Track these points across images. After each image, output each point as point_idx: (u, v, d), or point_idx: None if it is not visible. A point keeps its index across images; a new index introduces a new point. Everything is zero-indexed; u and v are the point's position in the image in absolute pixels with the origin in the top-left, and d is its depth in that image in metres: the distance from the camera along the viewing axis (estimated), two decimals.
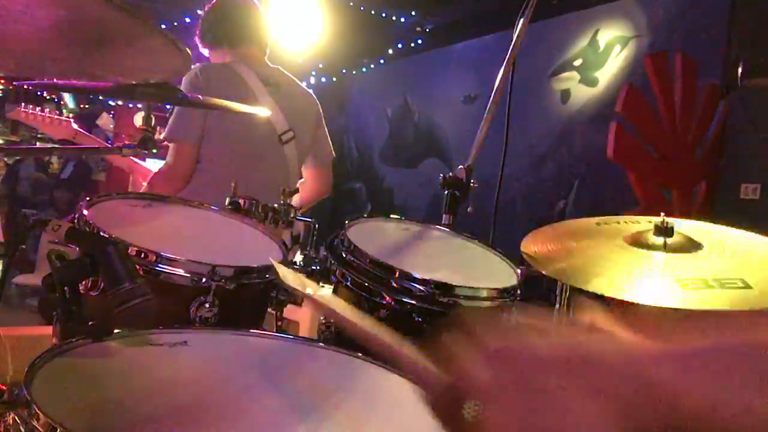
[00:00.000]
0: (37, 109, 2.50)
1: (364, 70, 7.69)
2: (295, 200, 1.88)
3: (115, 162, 3.07)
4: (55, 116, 2.50)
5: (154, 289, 0.95)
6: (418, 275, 1.21)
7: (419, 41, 6.69)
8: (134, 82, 1.28)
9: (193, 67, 2.27)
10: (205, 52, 2.50)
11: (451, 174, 1.72)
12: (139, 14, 0.82)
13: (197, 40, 2.50)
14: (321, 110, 2.58)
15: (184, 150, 2.23)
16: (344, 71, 7.77)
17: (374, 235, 1.44)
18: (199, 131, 2.23)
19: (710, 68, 3.75)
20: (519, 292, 1.36)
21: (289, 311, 1.41)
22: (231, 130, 2.26)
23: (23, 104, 2.53)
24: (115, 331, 0.94)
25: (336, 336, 1.26)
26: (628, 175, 3.51)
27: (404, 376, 0.99)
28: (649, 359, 0.45)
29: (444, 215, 1.70)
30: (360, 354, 1.04)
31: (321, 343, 1.12)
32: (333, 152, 2.64)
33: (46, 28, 0.85)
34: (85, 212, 1.23)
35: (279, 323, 1.42)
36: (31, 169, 7.51)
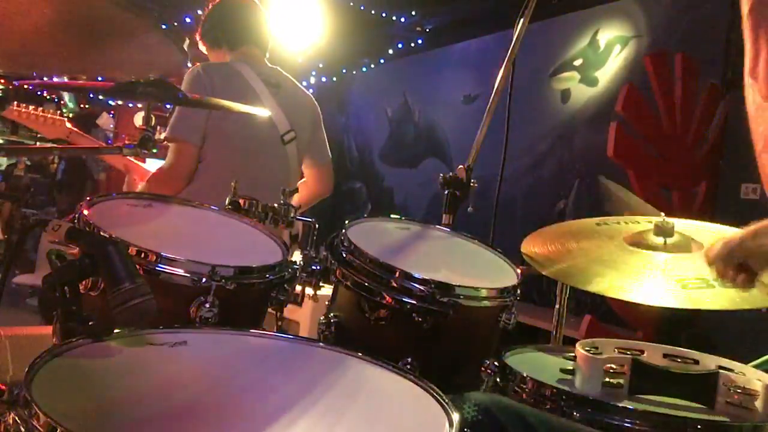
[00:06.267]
0: (30, 107, 2.43)
1: (364, 69, 7.69)
2: (295, 200, 1.88)
3: (110, 161, 3.03)
4: (49, 115, 2.44)
5: (154, 289, 0.95)
6: (418, 275, 1.21)
7: (419, 41, 6.69)
8: (133, 79, 1.27)
9: (195, 65, 2.26)
10: (204, 49, 2.50)
11: (451, 174, 1.72)
12: (137, 11, 0.83)
13: (198, 38, 2.50)
14: (319, 111, 2.58)
15: (187, 150, 2.22)
16: (344, 71, 7.77)
17: (374, 235, 1.44)
18: (202, 131, 2.21)
19: (710, 68, 3.74)
20: (518, 291, 1.36)
21: (289, 311, 1.41)
22: (233, 130, 2.25)
23: (16, 103, 2.46)
24: (115, 331, 0.95)
25: (336, 335, 1.26)
26: (628, 175, 3.50)
27: (404, 375, 0.99)
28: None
29: (444, 215, 1.70)
30: (360, 354, 1.04)
31: (321, 343, 1.12)
32: (329, 153, 2.64)
33: (44, 24, 0.85)
34: (85, 212, 1.23)
35: (279, 323, 1.42)
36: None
